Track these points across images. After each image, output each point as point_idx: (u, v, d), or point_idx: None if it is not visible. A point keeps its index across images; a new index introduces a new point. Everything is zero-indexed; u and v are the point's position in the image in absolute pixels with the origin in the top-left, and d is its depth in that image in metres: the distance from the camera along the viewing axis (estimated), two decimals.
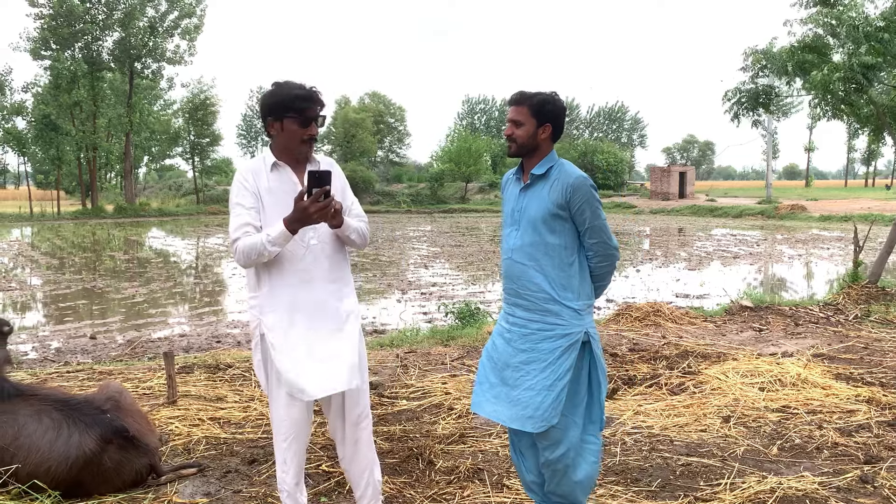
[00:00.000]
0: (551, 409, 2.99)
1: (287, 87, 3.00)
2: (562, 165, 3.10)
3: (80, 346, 8.77)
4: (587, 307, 3.12)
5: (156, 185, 70.67)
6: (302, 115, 2.98)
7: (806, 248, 21.65)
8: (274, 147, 3.07)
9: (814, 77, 8.94)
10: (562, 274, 3.07)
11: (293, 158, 3.08)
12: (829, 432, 4.67)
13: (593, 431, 3.14)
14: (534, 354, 3.05)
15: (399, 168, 78.49)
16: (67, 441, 3.54)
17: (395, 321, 10.36)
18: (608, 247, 3.10)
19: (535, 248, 3.07)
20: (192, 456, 4.33)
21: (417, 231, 31.87)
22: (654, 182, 53.28)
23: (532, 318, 3.08)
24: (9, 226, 36.71)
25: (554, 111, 3.10)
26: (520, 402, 3.04)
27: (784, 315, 8.90)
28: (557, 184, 3.04)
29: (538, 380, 3.01)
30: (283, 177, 3.05)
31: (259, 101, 3.07)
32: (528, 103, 3.08)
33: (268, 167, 3.03)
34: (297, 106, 2.96)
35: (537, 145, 3.11)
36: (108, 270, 17.46)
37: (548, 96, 3.11)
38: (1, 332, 4.00)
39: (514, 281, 3.14)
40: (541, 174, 3.09)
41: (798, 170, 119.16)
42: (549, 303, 3.05)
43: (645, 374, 6.08)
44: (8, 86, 42.88)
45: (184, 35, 46.29)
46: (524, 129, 3.09)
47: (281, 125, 2.99)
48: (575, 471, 3.10)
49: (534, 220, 3.07)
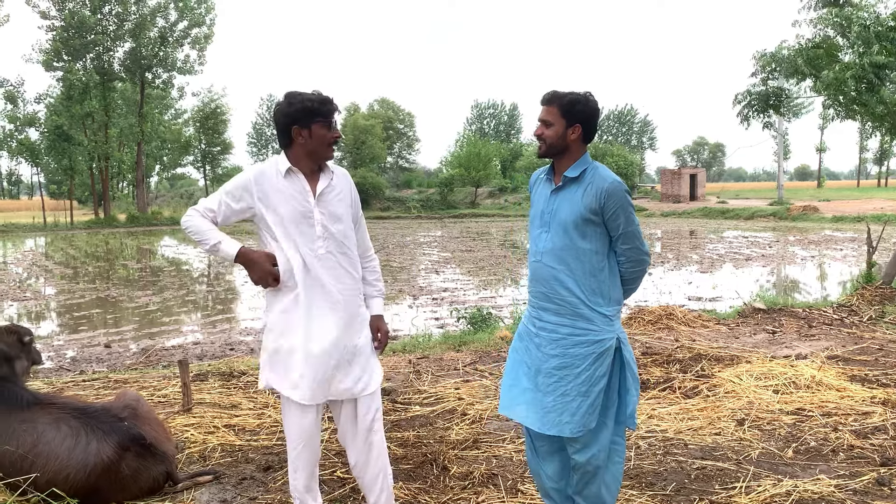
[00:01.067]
0: (588, 415, 2.97)
1: (303, 95, 3.06)
2: (596, 169, 3.04)
3: (94, 355, 8.83)
4: (617, 312, 3.08)
5: (167, 194, 71.16)
6: (328, 119, 3.06)
7: (819, 249, 21.53)
8: (295, 154, 3.09)
9: (826, 76, 8.92)
10: (592, 279, 3.02)
11: (311, 166, 3.12)
12: (844, 434, 4.64)
13: (619, 433, 3.12)
14: (567, 360, 3.00)
15: (409, 174, 78.58)
16: (86, 448, 3.57)
17: (407, 327, 10.37)
18: (640, 252, 3.07)
19: (565, 251, 3.02)
20: (207, 463, 4.36)
21: (428, 236, 31.90)
22: (665, 184, 53.12)
23: (562, 323, 3.03)
24: (23, 236, 37.01)
25: (585, 112, 3.03)
26: (555, 409, 3.00)
27: (797, 317, 8.86)
28: (591, 188, 2.98)
29: (573, 385, 2.98)
30: (297, 184, 3.08)
31: (277, 113, 3.10)
32: (558, 103, 3.03)
33: (280, 172, 3.07)
34: (323, 110, 3.04)
35: (567, 146, 3.05)
36: (122, 279, 17.57)
37: (579, 96, 3.04)
38: (22, 342, 4.06)
39: (543, 284, 3.08)
40: (574, 177, 3.03)
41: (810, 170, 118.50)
42: (579, 307, 3.00)
43: (658, 377, 6.07)
44: (21, 97, 43.34)
45: (194, 44, 46.71)
46: (553, 130, 3.04)
47: (309, 131, 3.04)
48: (605, 472, 3.09)
49: (565, 223, 3.01)
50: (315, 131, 3.04)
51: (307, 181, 3.10)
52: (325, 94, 3.08)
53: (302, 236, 3.05)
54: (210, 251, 3.12)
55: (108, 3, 43.53)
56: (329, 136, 3.07)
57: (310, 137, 3.04)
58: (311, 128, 3.03)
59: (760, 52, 10.31)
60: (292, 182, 3.07)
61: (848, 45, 9.30)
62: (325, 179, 3.14)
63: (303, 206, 3.06)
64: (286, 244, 3.07)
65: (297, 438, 3.17)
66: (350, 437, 3.26)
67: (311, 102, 3.02)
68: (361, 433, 3.23)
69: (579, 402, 2.97)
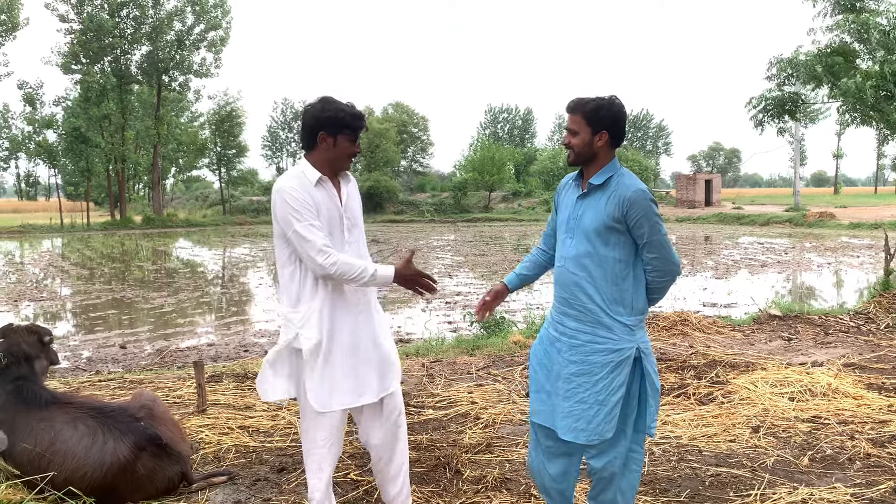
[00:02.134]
0: (604, 423, 2.95)
1: (338, 103, 3.10)
2: (622, 176, 3.01)
3: (110, 356, 8.90)
4: (639, 322, 3.04)
5: (183, 196, 71.54)
6: (355, 133, 3.11)
7: (835, 255, 21.36)
8: (315, 159, 3.13)
9: (845, 84, 8.86)
10: (614, 288, 2.99)
11: (330, 172, 3.16)
12: (861, 443, 4.60)
13: (638, 441, 3.10)
14: (585, 367, 2.98)
15: (422, 177, 78.74)
16: (102, 448, 3.61)
17: (421, 331, 10.38)
18: (668, 262, 3.01)
19: (588, 258, 3.00)
20: (222, 464, 4.39)
21: (441, 240, 31.92)
22: (680, 190, 52.92)
23: (582, 330, 3.02)
24: (40, 237, 37.37)
25: (610, 117, 2.98)
26: (572, 415, 2.99)
27: (813, 324, 8.79)
28: (615, 196, 2.95)
29: (590, 393, 2.96)
30: (329, 191, 3.14)
31: (307, 114, 3.13)
32: (582, 111, 3.00)
33: (312, 182, 3.09)
34: (353, 124, 3.09)
35: (595, 153, 3.02)
36: (137, 280, 17.71)
37: (603, 101, 3.00)
38: (42, 342, 4.11)
39: (566, 290, 3.07)
40: (599, 184, 3.01)
41: (826, 177, 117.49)
42: (599, 315, 2.98)
43: (673, 383, 6.04)
44: (39, 100, 43.80)
45: (210, 48, 47.09)
46: (580, 138, 3.01)
47: (334, 140, 3.09)
48: (620, 479, 3.08)
49: (588, 230, 3.00)
50: (340, 142, 3.10)
51: (333, 187, 3.18)
52: (357, 110, 3.14)
53: (335, 244, 3.10)
54: (370, 282, 3.08)
55: (125, 6, 43.97)
56: (352, 149, 3.14)
57: (333, 146, 3.10)
58: (336, 137, 3.09)
59: (777, 57, 10.26)
60: (323, 190, 3.12)
61: (866, 52, 9.23)
62: (345, 186, 3.23)
63: (334, 213, 3.14)
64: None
65: (326, 437, 3.20)
66: (376, 432, 3.33)
67: (344, 113, 3.07)
68: (389, 427, 3.32)
69: (596, 410, 2.95)
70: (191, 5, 45.59)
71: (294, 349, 3.14)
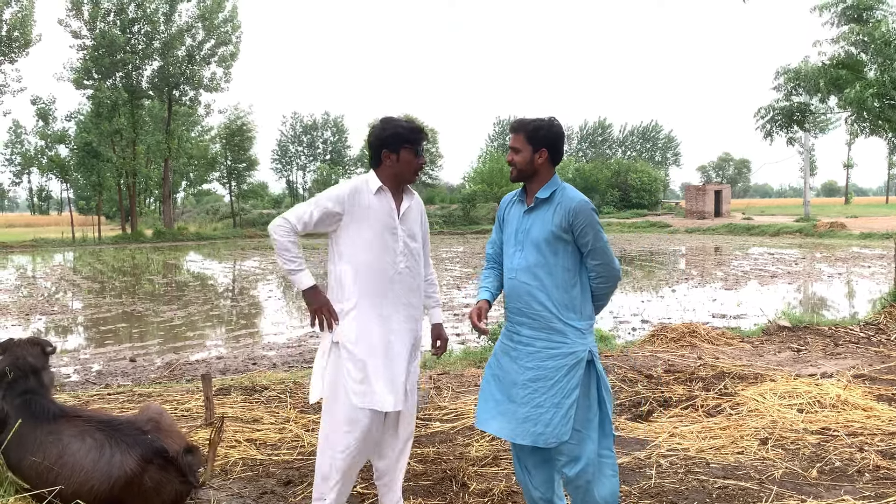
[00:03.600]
0: (561, 426, 3.09)
1: (396, 121, 3.35)
2: (564, 190, 3.23)
3: (120, 369, 8.95)
4: (590, 326, 3.24)
5: (193, 210, 71.90)
6: (415, 147, 3.32)
7: (846, 266, 21.24)
8: (383, 174, 3.34)
9: (847, 94, 8.85)
10: (565, 294, 3.18)
11: (395, 187, 3.36)
12: (870, 455, 4.57)
13: (607, 445, 3.22)
14: (541, 372, 3.14)
15: (431, 189, 78.79)
16: (110, 461, 3.62)
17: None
18: (611, 268, 3.22)
19: (539, 268, 3.18)
20: (229, 477, 4.40)
21: (450, 252, 31.94)
22: (690, 201, 52.75)
23: (538, 337, 3.18)
24: (52, 251, 37.64)
25: (548, 136, 3.22)
26: (529, 419, 3.13)
27: (823, 335, 8.74)
28: (560, 207, 3.17)
29: (546, 397, 3.11)
30: (384, 201, 3.33)
31: (371, 135, 3.36)
32: (524, 130, 3.23)
33: (371, 190, 3.31)
34: (414, 138, 3.31)
35: (536, 170, 3.24)
36: (148, 294, 17.80)
37: (542, 122, 3.24)
38: (44, 353, 4.14)
39: (519, 300, 3.24)
40: (544, 198, 3.21)
41: (837, 187, 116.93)
42: (553, 321, 3.16)
43: (681, 395, 6.01)
44: (52, 115, 44.20)
45: (220, 63, 47.41)
46: (521, 156, 3.24)
47: (397, 156, 3.31)
48: (597, 486, 3.18)
49: (537, 241, 3.18)
50: (403, 156, 3.31)
51: (393, 199, 3.35)
52: (415, 124, 3.37)
53: (387, 252, 3.30)
54: (288, 272, 3.34)
55: (137, 22, 44.38)
56: (416, 162, 3.34)
57: (397, 161, 3.31)
58: (399, 153, 3.30)
59: (784, 68, 10.26)
60: (381, 200, 3.32)
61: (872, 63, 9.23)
62: (407, 200, 3.41)
63: (389, 223, 3.32)
64: (368, 259, 3.29)
65: (356, 446, 3.31)
66: (388, 444, 3.49)
67: (403, 129, 3.30)
68: (399, 443, 3.50)
69: (552, 413, 3.10)
70: (201, 21, 46.00)
71: (334, 342, 3.32)
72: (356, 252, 3.30)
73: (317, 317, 3.33)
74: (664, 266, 22.94)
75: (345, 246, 3.32)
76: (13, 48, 39.74)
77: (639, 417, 5.54)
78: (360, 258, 3.29)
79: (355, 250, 3.30)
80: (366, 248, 3.29)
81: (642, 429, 5.22)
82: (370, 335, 3.29)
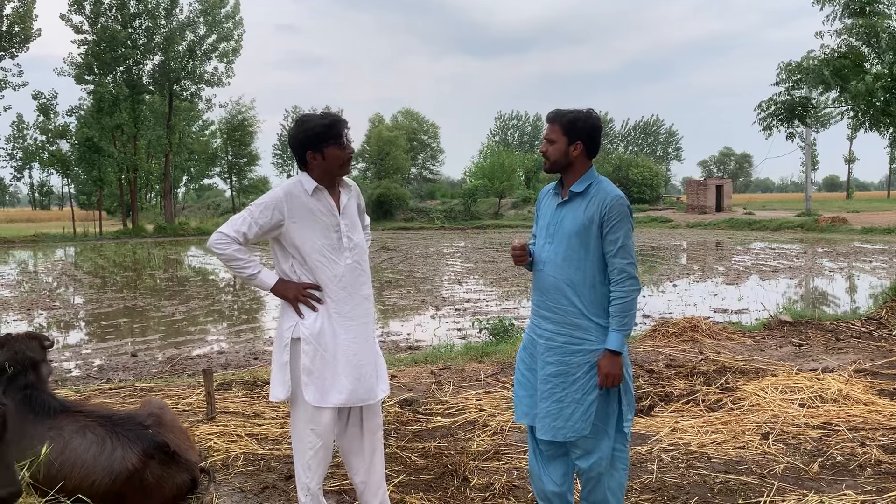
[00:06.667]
0: (581, 421, 3.08)
1: (310, 120, 3.21)
2: (600, 183, 3.15)
3: (121, 364, 8.96)
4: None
5: (194, 205, 71.96)
6: (339, 140, 3.19)
7: (847, 261, 21.22)
8: (313, 174, 3.24)
9: (855, 86, 8.82)
10: (592, 291, 3.11)
11: (330, 182, 3.27)
12: (872, 449, 4.57)
13: (622, 440, 3.21)
14: (562, 367, 3.11)
15: (432, 185, 78.82)
16: (111, 455, 3.63)
17: (430, 337, 10.38)
18: (634, 269, 3.13)
19: (567, 262, 3.12)
20: (230, 472, 4.40)
21: (451, 247, 31.93)
22: (691, 195, 52.72)
23: (559, 332, 3.14)
24: (53, 246, 37.65)
25: (585, 129, 3.13)
26: (549, 414, 3.12)
27: (825, 330, 8.73)
28: (595, 200, 3.09)
29: (567, 392, 3.09)
30: (323, 199, 3.25)
31: (290, 139, 3.27)
32: (560, 121, 3.15)
33: (308, 191, 3.22)
34: (333, 133, 3.17)
35: (570, 162, 3.16)
36: (149, 289, 17.81)
37: (579, 113, 3.15)
38: (42, 347, 4.13)
39: (545, 294, 3.20)
40: (580, 191, 3.13)
41: (839, 181, 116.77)
42: (578, 318, 3.11)
43: (682, 390, 6.01)
44: (53, 110, 44.18)
45: (221, 58, 47.39)
46: (556, 147, 3.16)
47: (322, 155, 3.19)
48: (608, 479, 3.18)
49: (568, 234, 3.12)
50: (328, 153, 3.20)
51: (330, 196, 3.27)
52: (332, 115, 3.24)
53: (332, 250, 3.24)
54: (247, 279, 3.29)
55: (138, 17, 44.35)
56: (343, 154, 3.22)
57: (323, 160, 3.20)
58: (323, 151, 3.18)
59: (786, 62, 10.23)
60: (320, 199, 3.24)
61: (875, 56, 9.19)
62: (344, 194, 3.34)
63: (331, 221, 3.24)
64: (316, 258, 3.23)
65: (315, 439, 3.29)
66: (357, 441, 3.44)
67: (321, 127, 3.17)
68: (368, 436, 3.43)
69: (573, 409, 3.08)
70: (203, 16, 45.97)
71: (293, 339, 3.26)
72: (301, 253, 3.24)
73: (300, 303, 3.26)
74: (665, 261, 22.92)
75: (290, 248, 3.26)
76: (14, 43, 39.70)
77: (640, 412, 5.54)
78: (306, 258, 3.23)
79: (300, 252, 3.23)
80: (310, 248, 3.22)
81: (644, 423, 5.21)
82: (324, 333, 3.23)
